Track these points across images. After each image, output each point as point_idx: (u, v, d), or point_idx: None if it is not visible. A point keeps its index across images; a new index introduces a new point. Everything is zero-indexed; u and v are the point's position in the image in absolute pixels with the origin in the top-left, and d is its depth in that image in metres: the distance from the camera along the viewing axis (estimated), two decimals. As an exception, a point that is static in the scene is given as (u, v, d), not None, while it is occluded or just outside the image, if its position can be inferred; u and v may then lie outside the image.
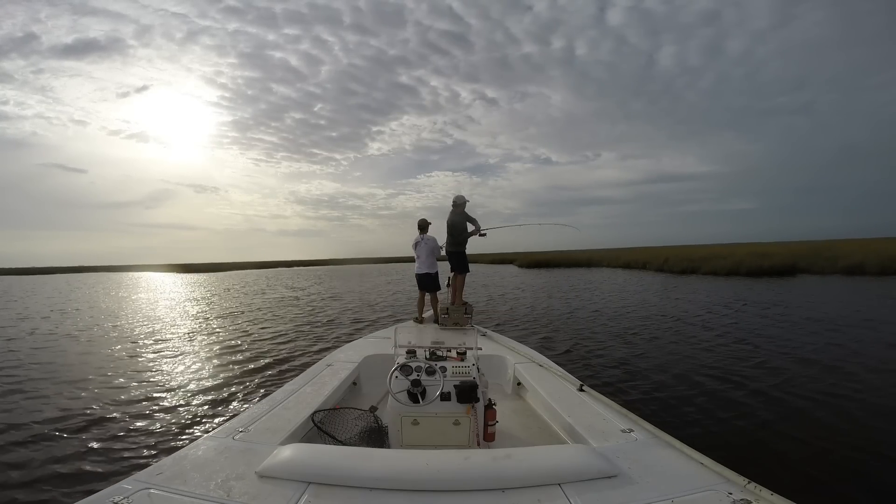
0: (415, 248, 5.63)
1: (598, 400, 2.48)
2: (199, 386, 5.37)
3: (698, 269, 24.10)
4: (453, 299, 5.59)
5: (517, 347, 4.00)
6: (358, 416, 2.44)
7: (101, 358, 7.07)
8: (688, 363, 5.92)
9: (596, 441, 1.93)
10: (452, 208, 5.63)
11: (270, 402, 2.48)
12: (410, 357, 2.42)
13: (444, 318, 5.13)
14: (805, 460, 3.22)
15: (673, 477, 1.58)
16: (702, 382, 5.06)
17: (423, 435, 2.20)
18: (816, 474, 3.02)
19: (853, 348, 6.36)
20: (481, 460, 1.59)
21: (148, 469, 1.60)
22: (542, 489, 1.47)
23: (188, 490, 1.45)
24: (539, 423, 2.73)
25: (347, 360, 3.54)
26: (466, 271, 5.75)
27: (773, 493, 1.39)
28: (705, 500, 1.41)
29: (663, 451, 1.80)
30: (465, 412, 2.20)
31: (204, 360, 6.79)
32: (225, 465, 1.65)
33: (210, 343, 8.21)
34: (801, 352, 6.27)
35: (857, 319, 8.53)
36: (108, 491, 1.43)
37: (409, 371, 2.29)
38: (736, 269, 21.98)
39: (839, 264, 20.47)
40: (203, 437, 1.96)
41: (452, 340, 2.76)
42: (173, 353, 7.30)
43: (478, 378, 2.29)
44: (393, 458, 1.70)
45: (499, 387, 3.48)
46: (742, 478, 1.50)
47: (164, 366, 6.45)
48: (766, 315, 9.51)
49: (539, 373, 3.18)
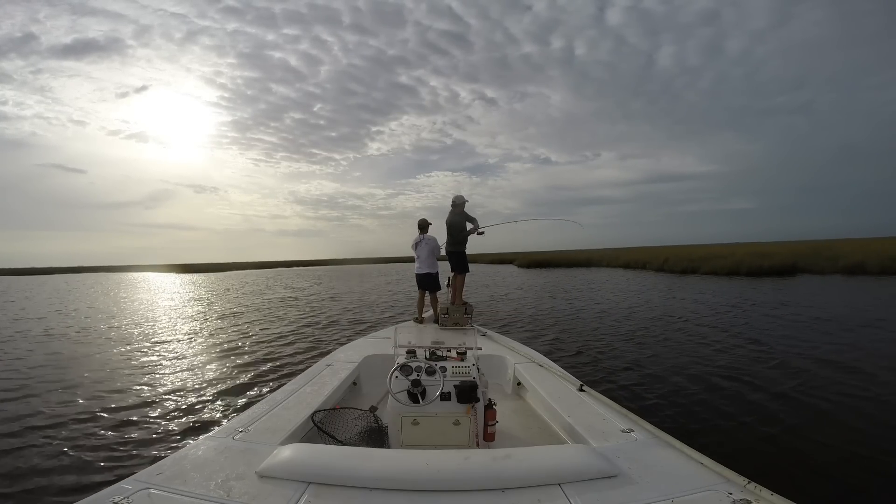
0: (415, 247, 5.63)
1: (598, 400, 2.48)
2: (199, 386, 5.36)
3: (698, 269, 24.04)
4: (453, 299, 5.60)
5: (517, 347, 4.00)
6: (358, 416, 2.44)
7: (100, 358, 7.07)
8: (696, 364, 5.90)
9: (596, 441, 1.93)
10: (451, 208, 5.64)
11: (270, 402, 2.48)
12: (410, 357, 2.42)
13: (444, 318, 5.13)
14: (805, 460, 3.22)
15: (673, 477, 1.58)
16: (714, 383, 5.04)
17: (423, 435, 2.20)
18: (817, 474, 3.02)
19: (868, 348, 6.29)
20: (481, 460, 1.59)
21: (148, 469, 1.60)
22: (542, 489, 1.47)
23: (188, 490, 1.45)
24: (539, 423, 2.73)
25: (347, 360, 3.54)
26: (466, 271, 5.76)
27: (773, 493, 1.39)
28: (705, 500, 1.41)
29: (663, 451, 1.80)
30: (465, 412, 2.20)
31: (204, 360, 6.80)
32: (225, 465, 1.65)
33: (209, 343, 8.22)
34: (817, 352, 6.20)
35: (868, 319, 8.48)
36: (108, 491, 1.43)
37: (409, 371, 2.29)
38: (736, 268, 21.91)
39: (840, 264, 20.40)
40: (203, 437, 1.96)
41: (452, 340, 2.76)
42: (173, 354, 7.30)
43: (478, 378, 2.29)
44: (393, 458, 1.70)
45: (499, 387, 3.48)
46: (742, 478, 1.50)
47: (163, 366, 6.45)
48: (775, 315, 9.45)
49: (539, 373, 3.18)
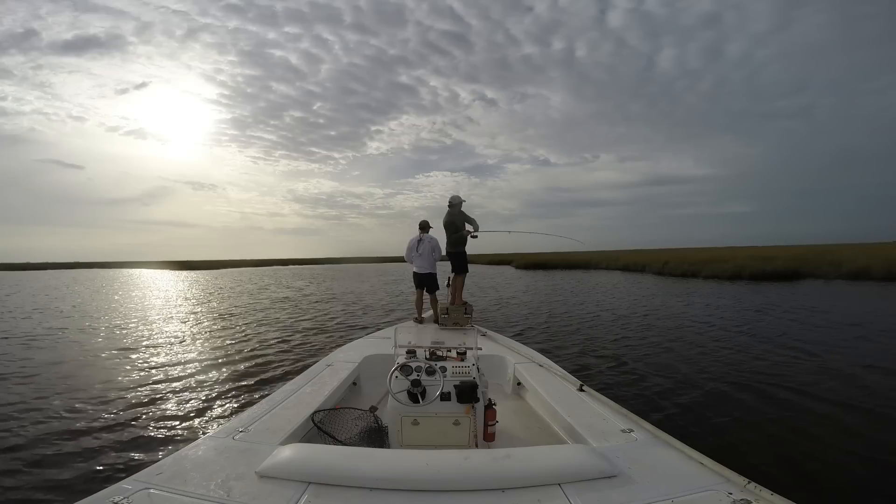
0: (416, 247, 5.61)
1: (598, 400, 2.48)
2: (199, 386, 5.35)
3: (699, 273, 23.93)
4: (453, 299, 5.61)
5: (517, 347, 4.00)
6: (358, 416, 2.44)
7: (99, 358, 7.04)
8: (696, 365, 5.89)
9: (596, 441, 1.93)
10: (449, 208, 5.66)
11: (270, 402, 2.48)
12: (410, 357, 2.42)
13: (443, 318, 5.14)
14: (805, 460, 3.22)
15: (673, 477, 1.58)
16: (714, 383, 5.03)
17: (422, 435, 2.20)
18: (817, 474, 3.02)
19: (870, 351, 6.27)
20: (481, 460, 1.59)
21: (148, 469, 1.60)
22: (541, 489, 1.47)
23: (188, 490, 1.45)
24: (539, 423, 2.73)
25: (347, 360, 3.54)
26: (465, 272, 5.77)
27: (773, 493, 1.39)
28: (705, 500, 1.41)
29: (663, 451, 1.80)
30: (464, 412, 2.20)
31: (203, 360, 6.78)
32: (225, 465, 1.65)
33: (208, 343, 8.20)
34: (821, 354, 6.17)
35: (878, 322, 8.44)
36: (107, 491, 1.43)
37: (409, 371, 2.29)
38: (738, 272, 21.73)
39: (843, 269, 20.21)
40: (203, 437, 1.96)
41: (452, 340, 2.76)
42: (171, 353, 7.28)
43: (478, 378, 2.29)
44: (393, 458, 1.70)
45: (499, 387, 3.48)
46: (742, 478, 1.50)
47: (162, 366, 6.43)
48: (784, 318, 9.40)
49: (539, 373, 3.18)
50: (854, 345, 6.81)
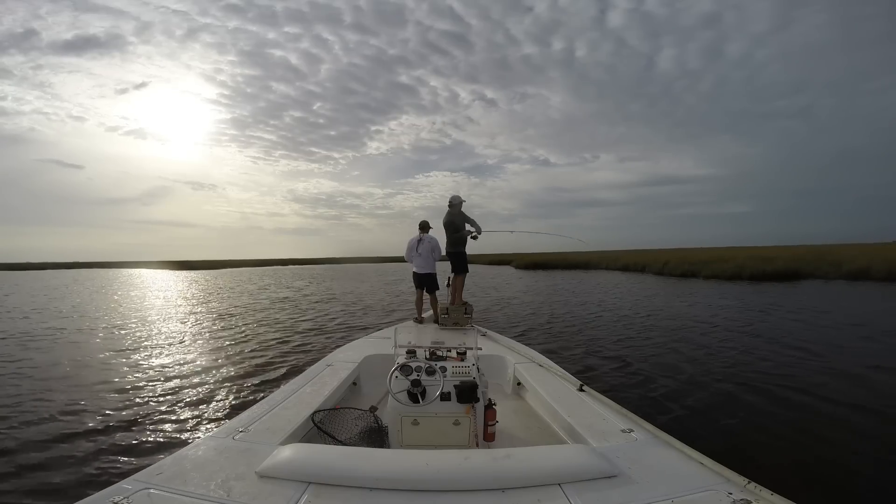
0: (416, 246, 5.62)
1: (598, 400, 2.48)
2: (198, 386, 5.35)
3: (699, 273, 23.96)
4: (453, 299, 5.61)
5: (517, 347, 4.00)
6: (358, 416, 2.44)
7: (98, 358, 7.04)
8: (697, 365, 5.89)
9: (596, 441, 1.93)
10: (448, 208, 5.67)
11: (270, 402, 2.48)
12: (410, 357, 2.42)
13: (443, 318, 5.14)
14: (805, 460, 3.22)
15: (673, 477, 1.58)
16: (714, 384, 5.02)
17: (422, 435, 2.20)
18: (817, 474, 3.02)
19: (870, 351, 6.26)
20: (481, 460, 1.59)
21: (148, 469, 1.60)
22: (541, 489, 1.47)
23: (188, 490, 1.45)
24: (539, 423, 2.73)
25: (347, 360, 3.54)
26: (466, 272, 5.78)
27: (773, 493, 1.39)
28: (705, 500, 1.41)
29: (663, 452, 1.80)
30: (464, 412, 2.20)
31: (202, 360, 6.78)
32: (225, 465, 1.64)
33: (208, 343, 8.20)
34: (823, 354, 6.16)
35: (879, 323, 8.43)
36: (107, 491, 1.43)
37: (409, 371, 2.29)
38: (738, 273, 21.76)
39: (843, 269, 20.21)
40: (203, 437, 1.96)
41: (452, 340, 2.76)
42: (171, 354, 7.28)
43: (478, 378, 2.30)
44: (393, 459, 1.70)
45: (499, 387, 3.48)
46: (742, 478, 1.50)
47: (162, 366, 6.43)
48: (787, 318, 9.39)
49: (539, 373, 3.19)
50: (859, 345, 6.80)
